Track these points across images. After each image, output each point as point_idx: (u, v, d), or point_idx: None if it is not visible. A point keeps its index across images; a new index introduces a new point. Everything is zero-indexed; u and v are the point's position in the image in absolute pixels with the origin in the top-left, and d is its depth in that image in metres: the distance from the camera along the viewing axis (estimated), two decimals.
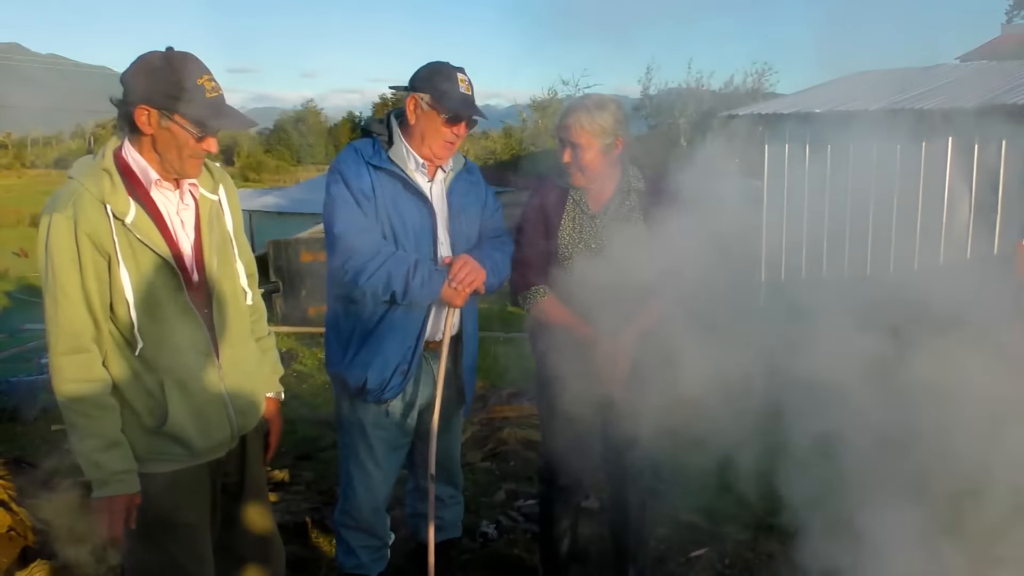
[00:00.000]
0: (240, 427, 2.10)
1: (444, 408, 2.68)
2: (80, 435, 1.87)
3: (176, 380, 1.94)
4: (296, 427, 5.18)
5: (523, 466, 4.35)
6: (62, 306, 1.82)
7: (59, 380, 1.86)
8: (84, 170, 1.88)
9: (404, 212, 2.47)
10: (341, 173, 2.45)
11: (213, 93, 1.87)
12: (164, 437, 1.95)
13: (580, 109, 2.56)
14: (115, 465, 1.88)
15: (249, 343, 2.17)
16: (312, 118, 77.87)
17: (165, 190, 1.95)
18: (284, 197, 19.86)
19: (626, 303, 2.56)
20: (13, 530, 3.07)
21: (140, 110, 1.84)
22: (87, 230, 1.81)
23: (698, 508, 3.76)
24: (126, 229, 1.85)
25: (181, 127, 1.86)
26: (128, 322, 1.87)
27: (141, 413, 1.93)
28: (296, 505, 3.70)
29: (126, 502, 1.90)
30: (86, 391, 1.85)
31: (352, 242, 2.39)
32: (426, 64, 2.50)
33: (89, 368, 1.86)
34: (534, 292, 2.63)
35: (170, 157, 1.89)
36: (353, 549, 2.70)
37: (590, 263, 2.57)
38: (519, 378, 6.37)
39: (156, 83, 1.83)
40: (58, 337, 1.84)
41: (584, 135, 2.54)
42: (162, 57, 1.87)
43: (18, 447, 4.76)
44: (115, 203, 1.84)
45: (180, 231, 1.97)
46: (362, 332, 2.52)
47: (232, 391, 2.05)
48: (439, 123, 2.44)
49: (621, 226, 2.63)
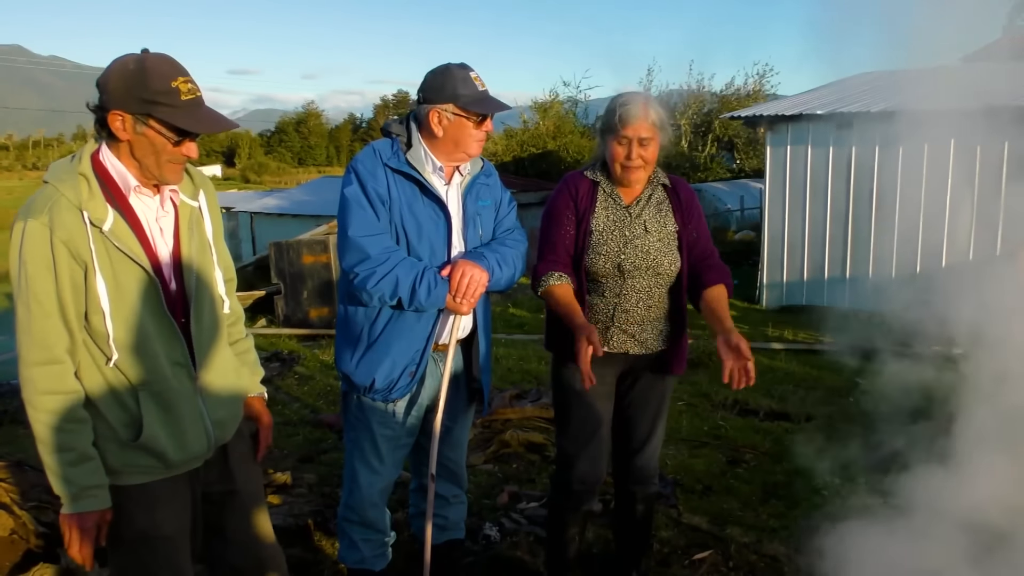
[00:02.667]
0: (217, 438, 2.05)
1: (453, 409, 2.69)
2: (50, 449, 1.81)
3: (151, 392, 1.89)
4: (298, 430, 5.17)
5: (526, 469, 4.34)
6: (35, 315, 1.76)
7: (30, 391, 1.79)
8: (60, 175, 1.81)
9: (419, 216, 2.47)
10: (357, 174, 2.45)
11: (189, 95, 1.79)
12: (138, 450, 1.89)
13: (643, 102, 2.53)
14: (86, 480, 1.82)
15: (226, 352, 2.10)
16: (313, 120, 77.94)
17: (144, 196, 1.88)
18: (285, 199, 19.88)
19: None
20: (15, 533, 3.07)
21: (114, 115, 1.78)
22: (63, 237, 1.75)
23: (702, 510, 3.76)
24: (103, 236, 1.79)
25: (157, 132, 1.79)
26: (103, 332, 1.81)
27: (115, 426, 1.87)
28: (298, 508, 3.70)
29: (96, 518, 1.85)
30: (58, 404, 1.80)
31: (362, 246, 2.39)
32: (431, 72, 2.48)
33: (62, 380, 1.80)
34: (550, 276, 2.59)
35: (148, 163, 1.82)
36: (356, 543, 2.72)
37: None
38: (522, 380, 6.38)
39: (129, 87, 1.76)
40: (30, 348, 1.77)
41: (652, 128, 2.53)
42: (135, 60, 1.79)
43: (21, 450, 4.75)
44: (92, 210, 1.78)
45: (159, 239, 1.91)
46: (371, 332, 2.53)
47: (209, 402, 2.00)
48: (470, 127, 2.45)
49: (656, 217, 2.66)
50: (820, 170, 11.11)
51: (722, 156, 26.85)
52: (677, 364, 2.76)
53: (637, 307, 2.64)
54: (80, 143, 76.84)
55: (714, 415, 5.57)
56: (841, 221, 11.04)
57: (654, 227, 2.66)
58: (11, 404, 5.78)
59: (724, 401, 5.95)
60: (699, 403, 5.89)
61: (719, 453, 4.67)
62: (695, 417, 5.49)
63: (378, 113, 70.49)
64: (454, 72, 2.44)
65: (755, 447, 4.78)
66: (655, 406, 2.78)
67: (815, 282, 11.35)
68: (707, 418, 5.48)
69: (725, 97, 25.74)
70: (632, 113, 2.51)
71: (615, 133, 2.55)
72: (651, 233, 2.65)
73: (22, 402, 1.87)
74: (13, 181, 59.30)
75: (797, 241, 11.42)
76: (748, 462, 4.54)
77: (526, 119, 26.09)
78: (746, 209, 20.80)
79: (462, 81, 2.43)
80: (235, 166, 65.16)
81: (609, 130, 2.58)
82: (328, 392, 6.10)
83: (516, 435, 4.62)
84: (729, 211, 20.98)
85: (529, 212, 14.17)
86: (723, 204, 21.13)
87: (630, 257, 2.61)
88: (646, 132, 2.52)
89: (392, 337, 2.50)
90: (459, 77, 2.43)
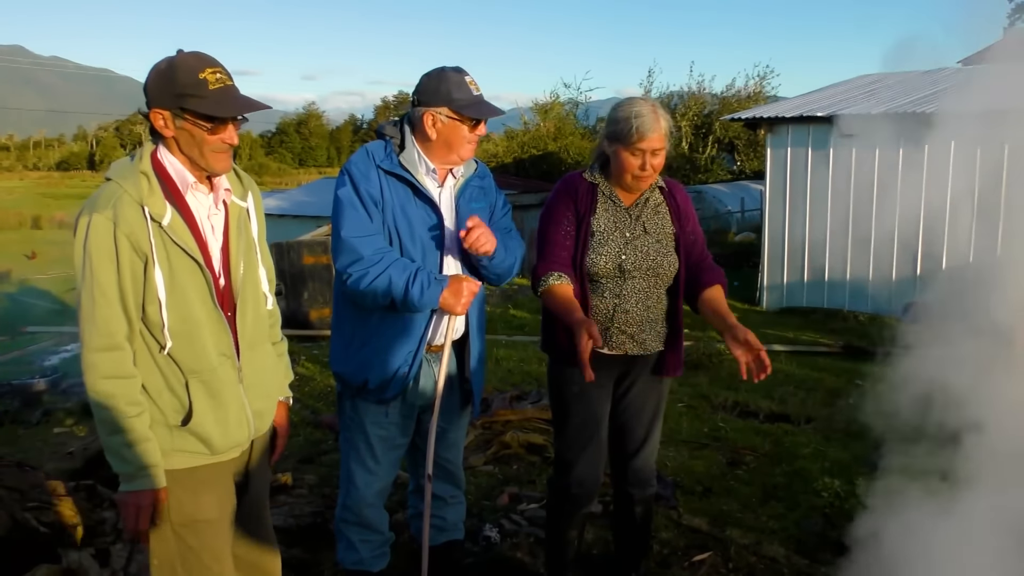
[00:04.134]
0: (256, 428, 2.15)
1: (448, 410, 2.70)
2: (110, 430, 1.90)
3: (201, 380, 1.98)
4: (299, 430, 5.18)
5: (526, 470, 4.35)
6: (99, 304, 1.86)
7: (93, 376, 1.89)
8: (123, 172, 1.92)
9: (412, 218, 2.48)
10: (351, 175, 2.47)
11: (218, 84, 1.88)
12: (187, 434, 1.99)
13: (655, 114, 2.53)
14: (143, 460, 1.91)
15: (267, 347, 2.21)
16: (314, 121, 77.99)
17: (199, 194, 1.99)
18: (286, 200, 19.89)
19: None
20: (16, 533, 3.07)
21: (155, 114, 1.89)
22: (126, 231, 1.85)
23: (701, 512, 3.76)
24: (162, 231, 1.89)
25: (193, 124, 1.88)
26: (159, 321, 1.91)
27: (165, 410, 1.97)
28: (299, 508, 3.71)
29: (152, 497, 1.94)
30: (119, 388, 1.90)
31: (355, 246, 2.41)
32: (426, 75, 2.50)
33: (122, 365, 1.90)
34: (549, 277, 2.58)
35: (194, 155, 1.93)
36: (354, 544, 2.72)
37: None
38: (522, 381, 6.38)
39: (163, 85, 1.87)
40: (93, 334, 1.87)
41: (663, 139, 2.54)
42: (167, 60, 1.90)
43: (21, 450, 4.76)
44: (152, 205, 1.88)
45: (210, 235, 2.01)
46: (365, 332, 2.54)
47: (249, 393, 2.10)
48: (463, 130, 2.46)
49: (654, 219, 2.68)
50: (821, 172, 11.11)
51: (723, 158, 26.88)
52: (674, 366, 2.77)
53: (636, 308, 2.65)
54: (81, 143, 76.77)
55: (714, 417, 5.57)
56: (842, 223, 11.05)
57: (653, 229, 2.67)
58: (11, 404, 5.79)
59: (724, 403, 5.96)
60: (699, 405, 5.90)
61: (719, 455, 4.67)
62: (695, 419, 5.49)
63: (379, 114, 70.59)
64: (449, 75, 2.45)
65: (755, 449, 4.78)
66: (652, 408, 2.79)
67: (815, 284, 11.35)
68: (707, 420, 5.49)
69: (726, 98, 25.76)
70: (648, 126, 2.50)
71: (628, 145, 2.53)
72: (650, 234, 2.66)
73: (22, 403, 1.89)
74: (14, 181, 59.37)
75: (798, 243, 11.43)
76: (748, 464, 4.54)
77: (527, 120, 26.10)
78: (747, 211, 20.80)
79: (457, 85, 2.44)
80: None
81: (620, 140, 2.55)
82: (328, 393, 6.11)
83: (516, 436, 4.62)
84: (730, 213, 20.99)
85: (530, 213, 14.18)
86: (724, 206, 21.14)
87: (631, 258, 2.62)
88: (659, 144, 2.53)
89: (385, 338, 2.52)
90: (454, 81, 2.44)
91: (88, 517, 3.21)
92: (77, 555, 2.93)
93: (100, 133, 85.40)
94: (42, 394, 6.09)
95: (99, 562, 2.95)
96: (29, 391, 6.08)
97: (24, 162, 71.18)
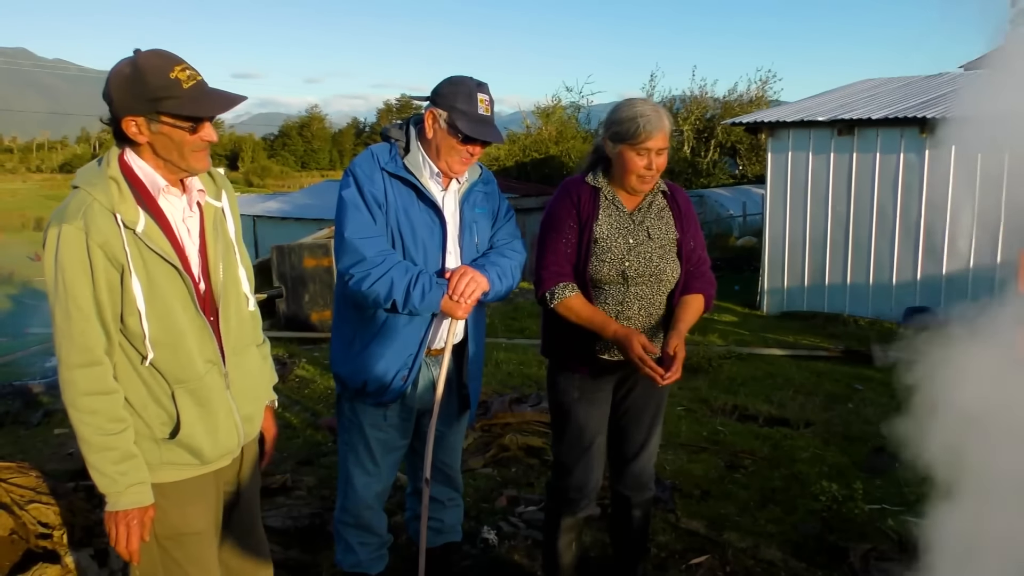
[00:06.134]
0: (246, 434, 2.10)
1: (446, 414, 2.70)
2: (93, 448, 1.83)
3: (187, 389, 1.92)
4: (298, 432, 5.19)
5: (524, 472, 4.35)
6: (75, 319, 1.78)
7: (72, 393, 1.82)
8: (91, 179, 1.83)
9: (415, 221, 2.48)
10: (355, 177, 2.46)
11: (191, 82, 1.80)
12: (175, 446, 1.93)
13: (660, 114, 2.53)
14: (129, 478, 1.86)
15: (252, 350, 2.15)
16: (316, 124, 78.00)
17: (172, 197, 1.91)
18: (288, 202, 19.93)
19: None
20: (16, 533, 3.08)
21: (127, 122, 1.81)
22: (99, 240, 1.76)
23: (699, 515, 3.77)
24: (136, 238, 1.81)
25: (172, 126, 1.80)
26: (139, 332, 1.84)
27: (151, 423, 1.91)
28: (297, 510, 3.71)
29: (140, 515, 1.88)
30: (101, 404, 1.82)
31: (358, 247, 2.40)
32: (448, 78, 2.47)
33: (103, 380, 1.83)
34: (561, 288, 2.58)
35: (173, 158, 1.84)
36: (352, 546, 2.73)
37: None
38: (522, 384, 6.38)
39: (132, 91, 1.78)
40: (70, 351, 1.79)
41: (667, 138, 2.54)
42: (129, 63, 1.80)
43: (21, 450, 4.77)
44: (125, 212, 1.80)
45: (187, 239, 1.93)
46: (365, 335, 2.54)
47: (238, 398, 2.05)
48: (455, 141, 2.42)
49: (658, 224, 2.67)
50: (821, 176, 11.13)
51: (725, 162, 26.90)
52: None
53: (639, 314, 2.64)
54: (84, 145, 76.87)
55: (713, 420, 5.57)
56: (842, 227, 11.06)
57: (657, 234, 2.65)
58: (13, 405, 5.80)
59: (723, 407, 5.96)
60: (698, 408, 5.90)
61: (717, 458, 4.67)
62: (694, 422, 5.49)
63: (381, 117, 70.64)
64: (467, 85, 2.43)
65: (753, 452, 4.78)
66: (651, 413, 2.79)
67: (816, 288, 11.36)
68: (706, 423, 5.49)
69: (728, 103, 25.79)
70: (654, 125, 2.50)
71: (635, 144, 2.52)
72: (654, 240, 2.64)
73: (23, 403, 1.89)
74: (17, 183, 59.46)
75: (798, 247, 11.44)
76: (746, 467, 4.54)
77: (529, 124, 26.14)
78: (748, 215, 20.81)
79: (467, 96, 2.41)
80: (238, 169, 65.36)
81: (625, 140, 2.53)
82: (328, 395, 6.11)
83: (515, 439, 4.62)
84: (731, 217, 21.00)
85: (531, 217, 14.20)
86: (725, 210, 21.14)
87: (634, 264, 2.60)
88: (664, 143, 2.53)
89: (385, 340, 2.51)
90: (467, 91, 2.41)
91: (88, 517, 3.22)
92: (76, 555, 2.94)
93: (103, 135, 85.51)
94: (43, 395, 6.12)
95: (98, 562, 2.95)
96: (30, 392, 6.11)
97: (27, 164, 71.29)
